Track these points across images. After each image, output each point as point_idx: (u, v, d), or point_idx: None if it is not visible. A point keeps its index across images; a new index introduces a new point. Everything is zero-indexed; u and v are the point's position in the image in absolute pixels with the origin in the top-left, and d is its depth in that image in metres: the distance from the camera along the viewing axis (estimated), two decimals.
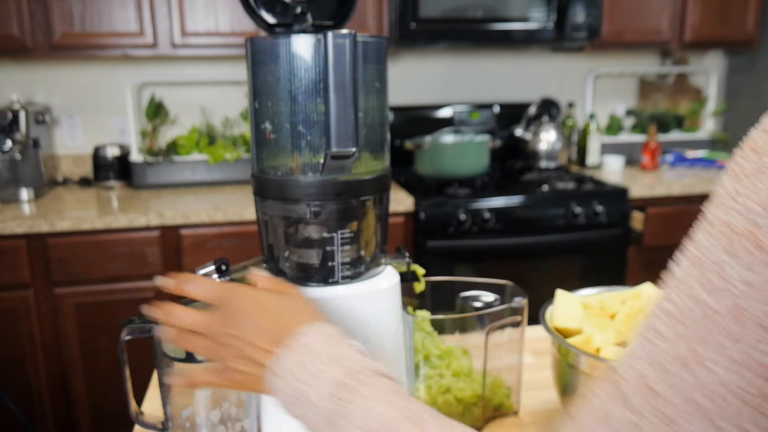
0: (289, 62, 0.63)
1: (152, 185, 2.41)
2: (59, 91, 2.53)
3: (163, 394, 0.74)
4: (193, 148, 2.43)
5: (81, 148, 2.58)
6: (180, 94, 2.60)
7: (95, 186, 2.49)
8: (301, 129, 0.65)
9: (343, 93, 0.61)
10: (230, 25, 2.28)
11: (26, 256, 1.97)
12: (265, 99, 0.66)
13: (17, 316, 2.00)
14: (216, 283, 0.60)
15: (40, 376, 2.05)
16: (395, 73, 2.74)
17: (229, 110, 2.63)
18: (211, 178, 2.44)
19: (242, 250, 2.10)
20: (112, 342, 2.07)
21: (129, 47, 2.23)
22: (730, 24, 2.67)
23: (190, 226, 2.07)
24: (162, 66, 2.57)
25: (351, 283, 0.71)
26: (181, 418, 0.73)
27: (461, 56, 2.82)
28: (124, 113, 2.56)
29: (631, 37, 2.59)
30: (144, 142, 2.53)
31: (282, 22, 0.70)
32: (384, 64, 0.69)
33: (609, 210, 2.29)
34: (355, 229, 0.70)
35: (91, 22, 2.19)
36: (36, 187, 2.26)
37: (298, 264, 0.71)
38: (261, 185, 0.70)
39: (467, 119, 2.74)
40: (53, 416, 2.10)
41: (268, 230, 0.72)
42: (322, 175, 0.66)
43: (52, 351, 2.05)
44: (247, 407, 0.74)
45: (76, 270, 2.00)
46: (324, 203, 0.67)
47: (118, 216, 1.99)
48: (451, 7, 2.36)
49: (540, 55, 2.89)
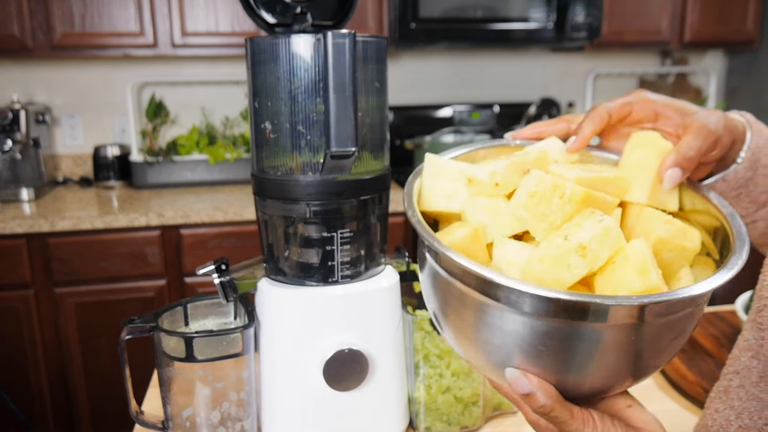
0: (288, 62, 0.64)
1: (152, 185, 2.41)
2: (60, 91, 2.53)
3: (163, 393, 0.74)
4: (193, 148, 2.44)
5: (81, 147, 2.58)
6: (180, 94, 2.60)
7: (95, 186, 2.49)
8: (300, 129, 0.65)
9: (343, 93, 0.61)
10: (230, 25, 2.28)
11: (27, 255, 1.97)
12: (265, 99, 0.66)
13: (18, 316, 2.00)
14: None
15: (40, 375, 2.05)
16: (395, 73, 2.74)
17: (229, 110, 2.63)
18: (211, 177, 2.44)
19: (242, 249, 2.10)
20: (113, 341, 2.07)
21: (129, 47, 2.23)
22: (730, 24, 2.67)
23: (191, 226, 2.07)
24: (162, 66, 2.57)
25: (351, 282, 0.71)
26: (181, 417, 0.73)
27: (461, 56, 2.82)
28: (124, 113, 2.56)
29: (631, 37, 2.59)
30: (144, 141, 2.53)
31: (282, 22, 0.70)
32: (384, 64, 0.69)
33: None
34: (355, 228, 0.70)
35: (92, 22, 2.19)
36: (36, 187, 2.26)
37: (298, 263, 0.71)
38: (261, 185, 0.70)
39: (467, 119, 2.74)
40: (53, 415, 2.10)
41: (268, 230, 0.72)
42: (322, 174, 0.66)
43: (52, 350, 2.05)
44: (247, 407, 0.75)
45: (76, 270, 2.01)
46: (324, 203, 0.67)
47: (119, 216, 2.00)
48: (451, 7, 2.36)
49: (540, 55, 2.89)
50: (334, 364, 0.68)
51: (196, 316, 0.79)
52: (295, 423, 0.72)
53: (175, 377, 0.72)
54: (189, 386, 0.72)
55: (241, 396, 0.74)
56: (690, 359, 0.92)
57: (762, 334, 0.46)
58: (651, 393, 0.90)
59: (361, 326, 0.71)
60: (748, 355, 0.48)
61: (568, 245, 0.43)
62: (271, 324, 0.71)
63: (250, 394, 0.74)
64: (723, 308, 1.12)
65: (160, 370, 0.73)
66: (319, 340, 0.70)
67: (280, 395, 0.72)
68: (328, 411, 0.72)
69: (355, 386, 0.70)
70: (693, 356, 0.93)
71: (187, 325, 0.78)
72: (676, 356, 0.49)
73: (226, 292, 0.71)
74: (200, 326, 0.79)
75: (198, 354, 0.69)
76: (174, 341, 0.69)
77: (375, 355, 0.72)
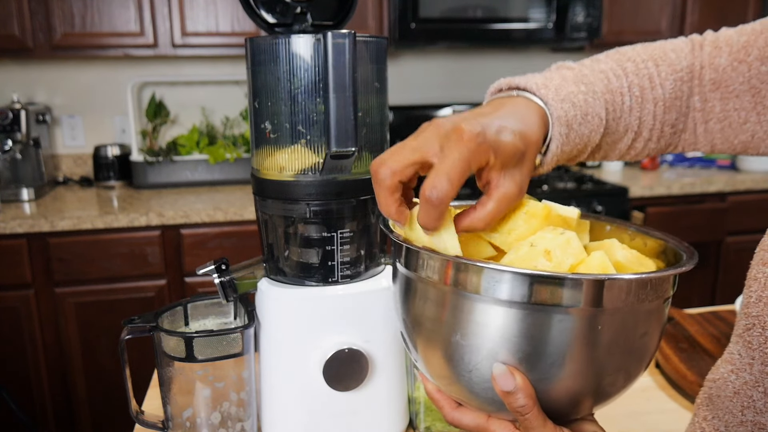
0: (288, 62, 0.64)
1: (153, 185, 2.41)
2: (60, 91, 2.53)
3: (163, 393, 0.74)
4: (193, 148, 2.44)
5: (81, 147, 2.58)
6: (180, 93, 2.60)
7: (96, 186, 2.49)
8: (301, 129, 0.65)
9: (343, 93, 0.61)
10: (230, 25, 2.28)
11: (27, 255, 1.97)
12: (265, 99, 0.66)
13: (18, 316, 2.00)
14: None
15: (40, 375, 2.06)
16: (395, 73, 2.74)
17: (229, 110, 2.63)
18: (212, 177, 2.45)
19: (242, 249, 2.10)
20: (113, 341, 2.07)
21: (129, 47, 2.23)
22: (730, 24, 2.65)
23: (191, 226, 2.07)
24: (162, 66, 2.57)
25: (351, 282, 0.71)
26: (181, 417, 0.73)
27: (461, 56, 2.82)
28: (124, 113, 2.56)
29: (631, 36, 2.59)
30: (144, 141, 2.53)
31: (282, 22, 0.70)
32: (384, 64, 0.69)
33: (609, 210, 2.29)
34: (355, 228, 0.70)
35: (92, 22, 2.19)
36: (37, 187, 2.26)
37: (297, 263, 0.71)
38: (261, 185, 0.70)
39: None
40: (54, 415, 2.10)
41: (268, 230, 0.72)
42: (322, 174, 0.66)
43: (52, 350, 2.05)
44: (248, 407, 0.75)
45: (76, 269, 2.01)
46: (324, 203, 0.67)
47: (119, 216, 2.00)
48: (451, 7, 2.36)
49: (540, 55, 2.89)
50: (334, 364, 0.68)
51: (196, 316, 0.79)
52: (295, 423, 0.72)
53: (175, 377, 0.72)
54: (189, 386, 0.72)
55: (241, 396, 0.74)
56: (690, 359, 0.92)
57: (752, 353, 0.45)
58: (651, 393, 0.90)
59: (361, 326, 0.71)
60: (728, 368, 0.48)
61: (535, 250, 0.45)
62: (271, 324, 0.71)
63: (251, 394, 0.74)
64: (723, 308, 1.12)
65: (160, 370, 0.73)
66: (319, 340, 0.70)
67: (280, 395, 0.73)
68: (328, 411, 0.72)
69: (355, 386, 0.70)
70: (693, 356, 0.94)
71: (187, 325, 0.78)
72: (648, 365, 0.49)
73: (226, 292, 0.71)
74: (200, 326, 0.79)
75: (198, 354, 0.69)
76: (174, 341, 0.69)
77: (375, 355, 0.72)
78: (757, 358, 0.45)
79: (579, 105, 0.52)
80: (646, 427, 0.82)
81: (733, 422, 0.47)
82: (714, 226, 2.43)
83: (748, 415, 0.46)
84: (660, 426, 0.82)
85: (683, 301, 2.48)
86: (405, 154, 0.45)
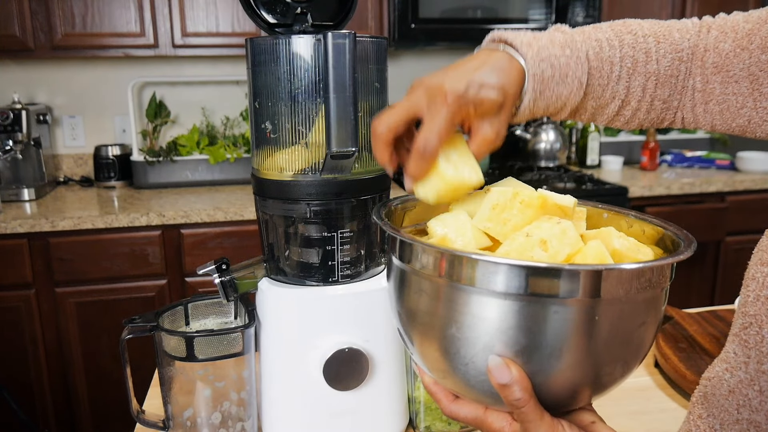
0: (289, 62, 0.64)
1: (153, 185, 2.41)
2: (60, 91, 2.53)
3: (164, 393, 0.74)
4: (193, 148, 2.44)
5: (82, 147, 2.59)
6: (180, 93, 2.61)
7: (96, 186, 2.49)
8: (301, 129, 0.65)
9: (343, 93, 0.61)
10: (230, 25, 2.28)
11: (28, 255, 1.97)
12: (265, 99, 0.66)
13: (19, 316, 2.00)
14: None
15: (41, 375, 2.06)
16: (395, 73, 2.74)
17: (229, 110, 2.63)
18: (212, 177, 2.45)
19: (242, 249, 2.11)
20: (114, 341, 2.07)
21: (130, 47, 2.24)
22: None
23: (191, 226, 2.07)
24: (163, 66, 2.57)
25: (351, 282, 0.72)
26: (182, 417, 0.74)
27: (461, 56, 2.81)
28: (125, 113, 2.56)
29: None
30: (145, 141, 2.53)
31: (282, 23, 0.70)
32: (384, 64, 0.69)
33: None
34: (355, 228, 0.70)
35: (92, 23, 2.19)
36: (37, 187, 2.26)
37: (298, 263, 0.71)
38: (261, 185, 0.70)
39: None
40: (55, 415, 2.10)
41: (269, 229, 0.72)
42: (322, 174, 0.66)
43: (53, 350, 2.06)
44: (248, 407, 0.75)
45: (77, 269, 2.01)
46: (324, 203, 0.68)
47: (119, 215, 2.00)
48: (451, 8, 2.36)
49: None
50: (334, 363, 0.68)
51: (197, 316, 0.79)
52: (295, 422, 0.72)
53: (175, 377, 0.72)
54: (190, 386, 0.72)
55: (241, 395, 0.74)
56: (689, 359, 0.93)
57: (748, 352, 0.45)
58: (650, 392, 0.90)
59: (361, 326, 0.71)
60: (723, 366, 0.48)
61: (531, 240, 0.46)
62: (272, 323, 0.72)
63: (251, 393, 0.75)
64: (722, 308, 1.12)
65: (160, 370, 0.73)
66: (319, 340, 0.70)
67: (280, 394, 0.73)
68: (328, 410, 0.72)
69: (355, 386, 0.70)
70: (692, 356, 0.94)
71: (188, 325, 0.79)
72: (645, 354, 0.49)
73: (227, 291, 0.71)
74: (201, 326, 0.79)
75: (199, 353, 0.69)
76: (175, 341, 0.69)
77: (375, 354, 0.72)
78: (753, 357, 0.45)
79: (558, 66, 0.57)
80: (646, 427, 0.82)
81: (728, 420, 0.47)
82: (713, 226, 2.43)
83: (744, 414, 0.46)
84: (660, 426, 0.82)
85: (682, 300, 2.48)
86: (398, 112, 0.53)
